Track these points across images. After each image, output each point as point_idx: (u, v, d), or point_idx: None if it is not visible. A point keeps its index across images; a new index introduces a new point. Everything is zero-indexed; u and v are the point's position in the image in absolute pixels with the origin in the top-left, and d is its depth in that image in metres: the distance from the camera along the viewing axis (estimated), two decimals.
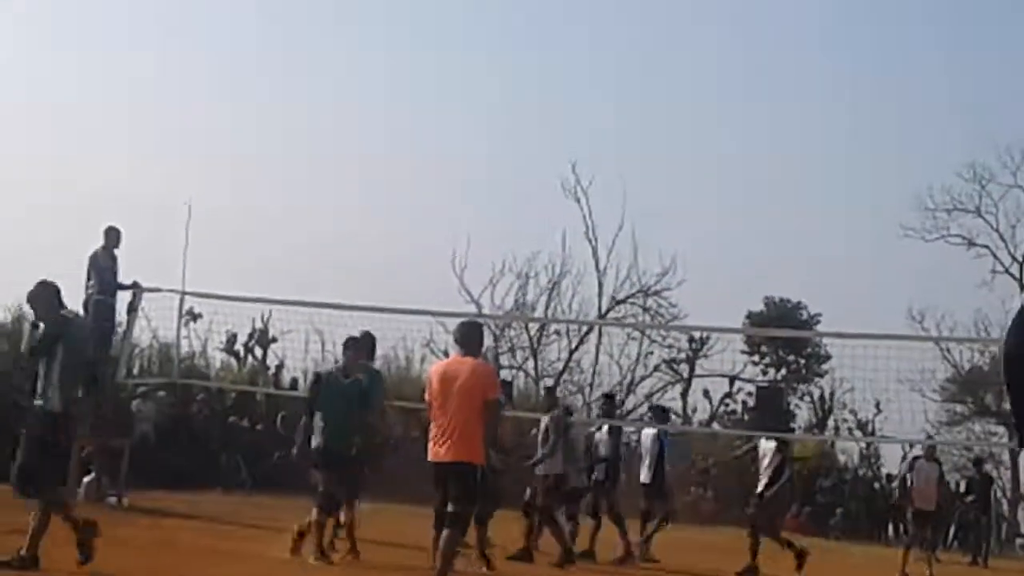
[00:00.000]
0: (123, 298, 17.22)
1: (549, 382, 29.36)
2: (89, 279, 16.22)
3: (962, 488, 25.02)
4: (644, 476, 17.48)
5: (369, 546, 12.33)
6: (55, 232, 39.26)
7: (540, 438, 15.37)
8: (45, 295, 9.76)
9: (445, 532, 9.38)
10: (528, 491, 15.46)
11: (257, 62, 50.66)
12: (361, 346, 12.98)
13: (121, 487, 16.80)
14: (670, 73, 51.96)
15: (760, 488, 17.03)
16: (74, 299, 16.08)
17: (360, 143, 49.63)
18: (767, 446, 17.48)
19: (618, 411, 15.41)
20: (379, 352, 10.71)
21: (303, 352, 23.47)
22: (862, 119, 52.99)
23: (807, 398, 39.09)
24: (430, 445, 9.58)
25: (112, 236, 16.59)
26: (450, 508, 9.42)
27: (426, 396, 9.76)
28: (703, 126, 50.98)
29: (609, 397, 20.77)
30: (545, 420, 15.32)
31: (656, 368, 35.62)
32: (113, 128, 46.71)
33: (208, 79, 49.87)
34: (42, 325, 9.64)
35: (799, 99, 52.58)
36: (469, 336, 9.85)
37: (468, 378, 9.38)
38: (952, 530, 27.06)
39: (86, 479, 16.57)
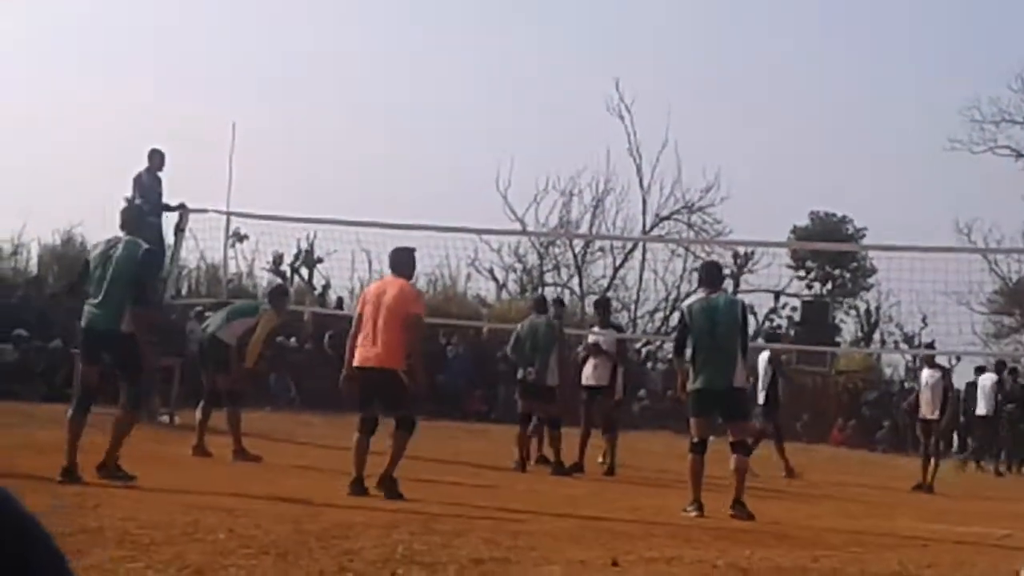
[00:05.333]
0: (170, 219, 17.40)
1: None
2: (134, 200, 16.35)
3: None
4: (758, 397, 17.74)
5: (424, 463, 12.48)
6: (100, 157, 39.48)
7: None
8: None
9: (395, 433, 10.25)
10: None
11: None
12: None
13: (173, 406, 17.03)
14: None
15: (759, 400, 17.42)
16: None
17: (408, 66, 49.44)
18: (761, 356, 17.73)
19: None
20: (424, 269, 11.19)
21: (349, 271, 23.66)
22: (909, 31, 52.25)
23: (853, 312, 38.98)
24: (358, 351, 10.34)
25: (156, 158, 16.72)
26: (394, 415, 10.33)
27: (357, 308, 10.66)
28: (750, 40, 50.40)
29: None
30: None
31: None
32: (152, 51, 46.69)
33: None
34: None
35: (845, 14, 51.89)
36: (400, 261, 10.74)
37: (396, 296, 10.27)
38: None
39: None
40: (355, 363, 10.37)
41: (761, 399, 17.70)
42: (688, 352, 10.73)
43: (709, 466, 10.63)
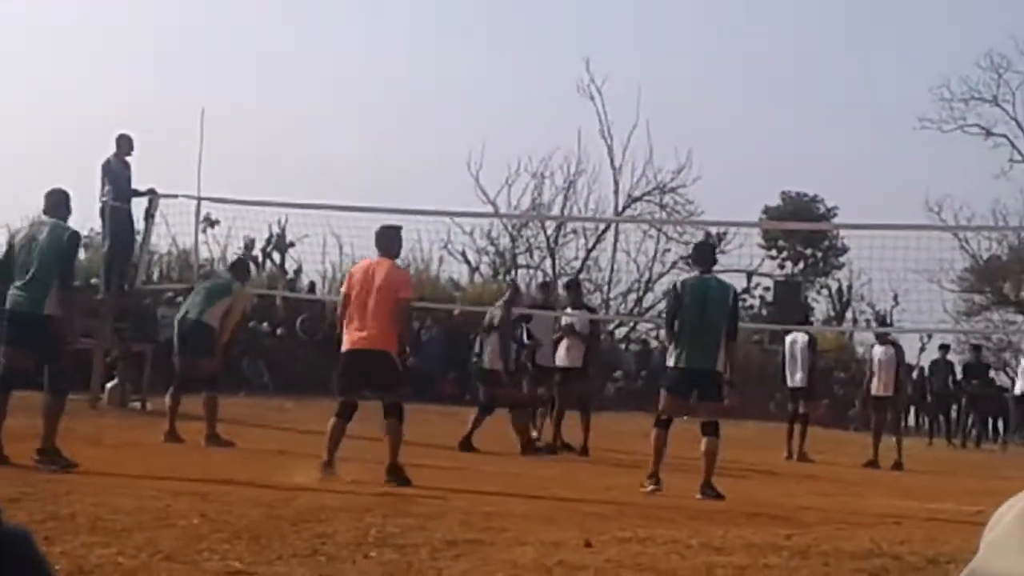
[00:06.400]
0: (139, 205, 17.29)
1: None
2: (103, 186, 16.25)
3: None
4: (797, 380, 17.73)
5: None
6: (71, 145, 39.25)
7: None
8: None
9: (386, 422, 10.08)
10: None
11: None
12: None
13: (144, 392, 16.95)
14: None
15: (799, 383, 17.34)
16: (89, 207, 16.16)
17: (379, 49, 49.25)
18: (798, 339, 17.70)
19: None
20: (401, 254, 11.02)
21: (321, 255, 23.59)
22: (879, 10, 52.41)
23: (825, 291, 39.14)
24: (346, 335, 10.21)
25: (124, 143, 16.58)
26: (384, 400, 10.16)
27: (344, 287, 10.50)
28: (721, 21, 50.44)
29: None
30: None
31: (674, 265, 35.57)
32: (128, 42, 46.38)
33: None
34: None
35: None
36: (388, 239, 10.58)
37: (385, 278, 10.14)
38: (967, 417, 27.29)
39: (109, 384, 16.73)
40: (345, 347, 10.26)
41: (798, 382, 17.72)
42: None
43: (685, 446, 10.65)
